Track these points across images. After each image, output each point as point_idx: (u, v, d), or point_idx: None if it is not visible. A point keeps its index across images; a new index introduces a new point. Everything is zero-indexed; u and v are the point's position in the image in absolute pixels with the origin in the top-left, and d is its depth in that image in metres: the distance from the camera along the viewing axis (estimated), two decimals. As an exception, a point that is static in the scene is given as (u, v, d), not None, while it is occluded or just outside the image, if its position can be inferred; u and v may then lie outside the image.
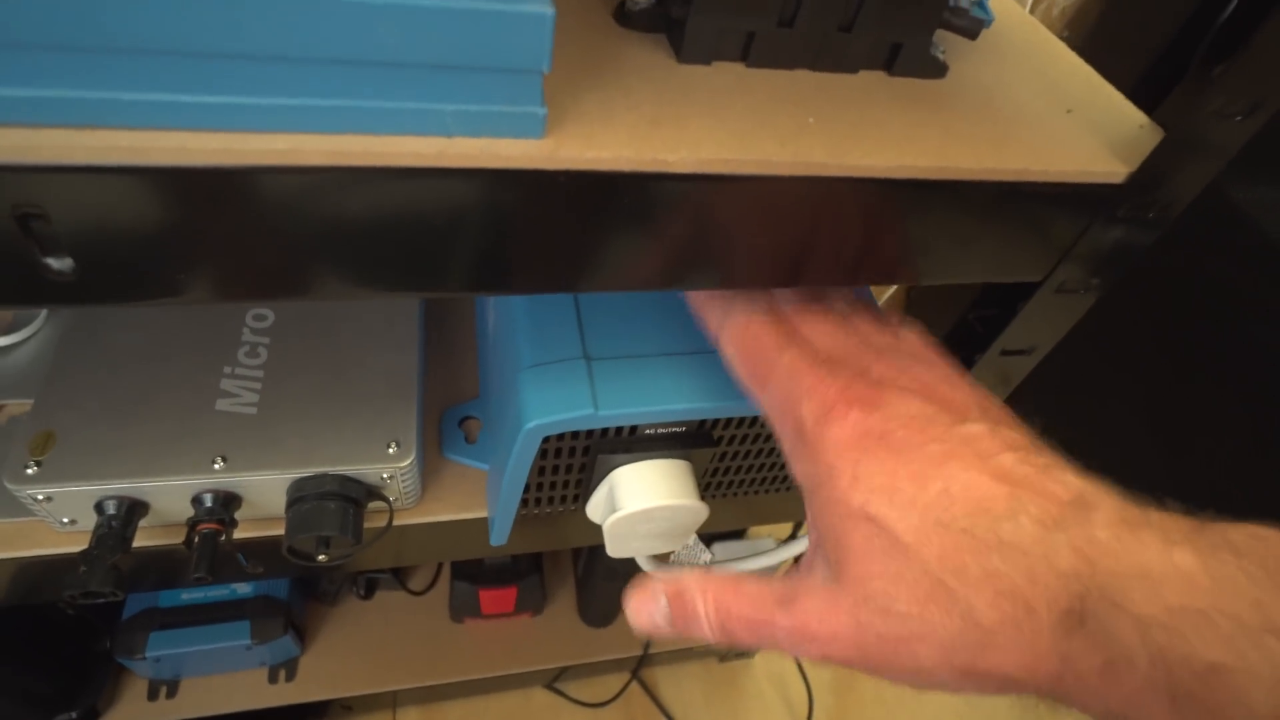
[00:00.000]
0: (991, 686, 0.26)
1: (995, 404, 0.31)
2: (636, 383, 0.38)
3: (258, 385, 0.46)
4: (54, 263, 0.23)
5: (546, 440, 0.39)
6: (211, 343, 0.47)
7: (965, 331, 0.44)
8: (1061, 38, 1.13)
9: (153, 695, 0.82)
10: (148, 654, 0.76)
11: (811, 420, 0.30)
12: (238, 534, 0.45)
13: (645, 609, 0.33)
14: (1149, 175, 0.32)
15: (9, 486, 0.40)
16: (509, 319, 0.42)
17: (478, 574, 0.89)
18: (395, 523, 0.48)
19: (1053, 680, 0.24)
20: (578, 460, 0.43)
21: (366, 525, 0.46)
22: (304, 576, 0.89)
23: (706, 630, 0.31)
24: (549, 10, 0.21)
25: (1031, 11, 0.91)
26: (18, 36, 0.18)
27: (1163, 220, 0.35)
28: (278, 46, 0.20)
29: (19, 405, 0.48)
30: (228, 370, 0.46)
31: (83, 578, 0.41)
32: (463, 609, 0.91)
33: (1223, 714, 0.21)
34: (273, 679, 0.85)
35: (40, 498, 0.41)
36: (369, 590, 0.93)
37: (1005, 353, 0.42)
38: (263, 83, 0.21)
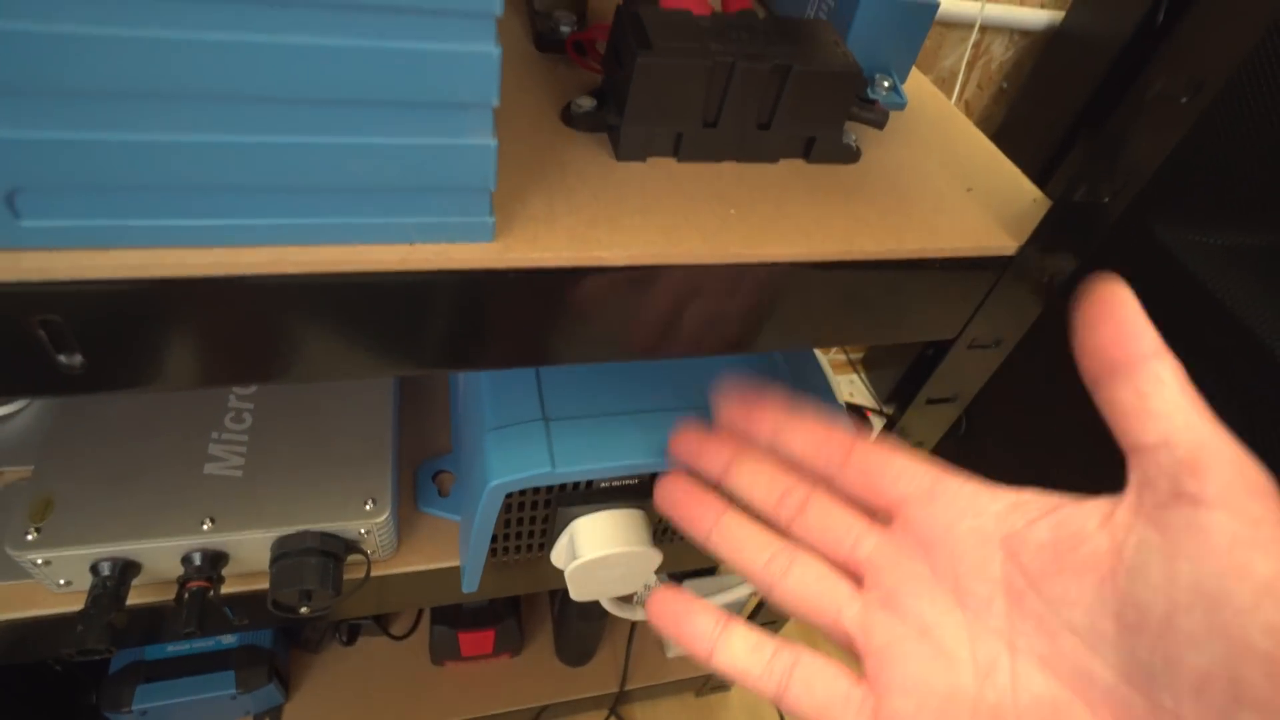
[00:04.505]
0: None
1: None
2: (591, 441, 0.42)
3: (243, 449, 0.49)
4: (65, 359, 0.27)
5: (510, 496, 0.43)
6: (200, 410, 0.51)
7: (915, 380, 0.48)
8: (1000, 88, 1.19)
9: (139, 748, 0.83)
10: (134, 707, 0.76)
11: None
12: (224, 589, 0.48)
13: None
14: (1037, 247, 0.36)
15: (10, 552, 0.43)
16: (475, 384, 0.45)
17: (456, 618, 0.90)
18: (373, 573, 0.51)
19: None
20: (540, 513, 0.46)
21: (346, 576, 0.49)
22: (288, 626, 0.90)
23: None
24: (492, 142, 0.25)
25: (970, 66, 0.96)
26: (39, 179, 0.22)
27: (1056, 282, 0.39)
28: (261, 178, 0.24)
29: (16, 472, 0.50)
30: (215, 435, 0.49)
31: (79, 636, 0.43)
32: (443, 652, 0.93)
33: None
34: (258, 727, 0.87)
35: (40, 562, 0.44)
36: (351, 636, 0.95)
37: (931, 401, 0.46)
38: (248, 206, 0.25)
